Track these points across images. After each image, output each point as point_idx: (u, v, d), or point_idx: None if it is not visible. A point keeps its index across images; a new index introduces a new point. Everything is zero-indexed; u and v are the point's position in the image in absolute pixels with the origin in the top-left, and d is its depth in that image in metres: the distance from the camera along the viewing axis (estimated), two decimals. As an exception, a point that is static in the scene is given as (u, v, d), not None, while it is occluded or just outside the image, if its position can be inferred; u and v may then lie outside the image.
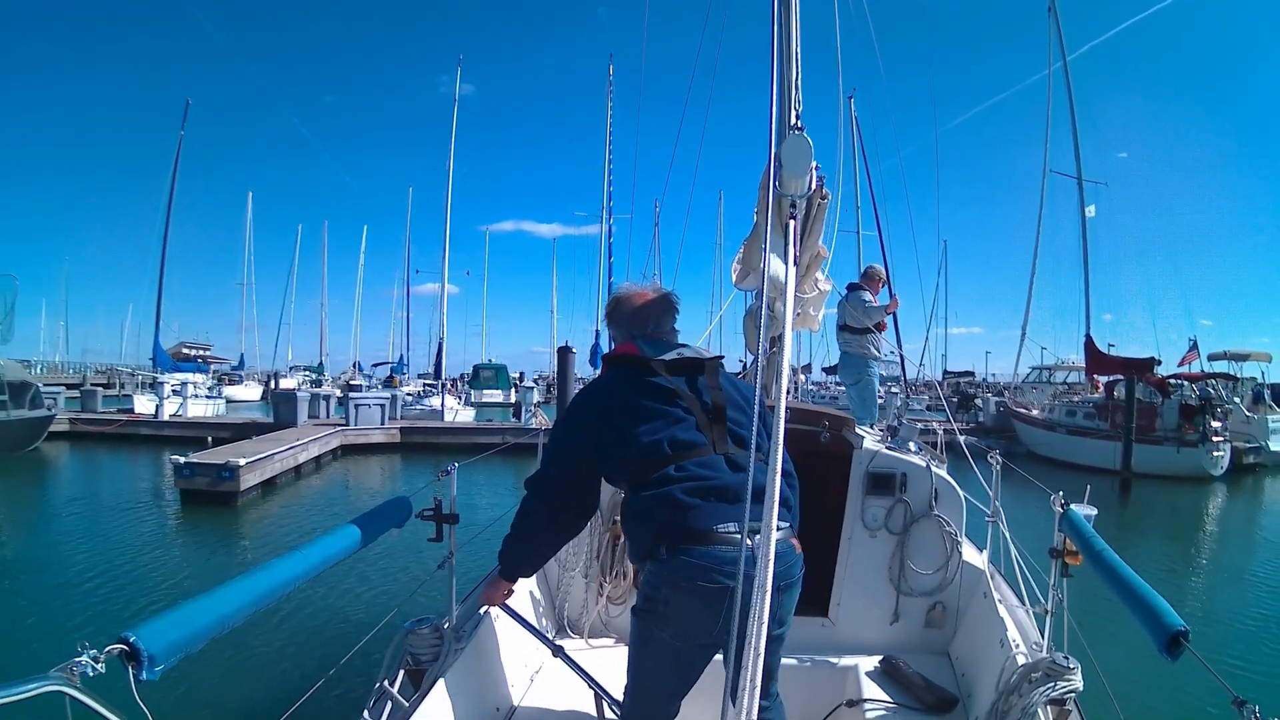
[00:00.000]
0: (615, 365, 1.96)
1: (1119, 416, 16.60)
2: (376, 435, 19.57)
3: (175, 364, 29.13)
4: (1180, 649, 1.53)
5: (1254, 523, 13.63)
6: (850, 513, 3.27)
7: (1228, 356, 20.42)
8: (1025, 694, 1.98)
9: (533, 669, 2.77)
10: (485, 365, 35.86)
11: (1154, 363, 18.54)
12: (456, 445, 20.00)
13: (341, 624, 5.82)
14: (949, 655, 3.04)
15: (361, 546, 1.99)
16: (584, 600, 3.23)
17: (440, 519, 2.37)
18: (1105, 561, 1.97)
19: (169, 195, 28.66)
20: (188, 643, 1.26)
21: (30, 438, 18.03)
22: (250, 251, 44.29)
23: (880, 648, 2.93)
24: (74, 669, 1.03)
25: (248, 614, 1.46)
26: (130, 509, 12.00)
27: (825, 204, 3.16)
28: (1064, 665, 1.99)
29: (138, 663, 1.13)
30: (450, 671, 2.17)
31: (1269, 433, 17.75)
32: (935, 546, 3.17)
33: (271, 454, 13.76)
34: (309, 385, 32.85)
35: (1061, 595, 2.32)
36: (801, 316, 3.80)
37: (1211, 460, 15.93)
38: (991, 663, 2.48)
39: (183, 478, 12.05)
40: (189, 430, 21.69)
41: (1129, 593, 1.77)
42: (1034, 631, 2.60)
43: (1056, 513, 2.33)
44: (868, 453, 3.29)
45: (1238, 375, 19.92)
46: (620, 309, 2.07)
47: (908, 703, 2.58)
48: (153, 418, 22.80)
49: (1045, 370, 26.64)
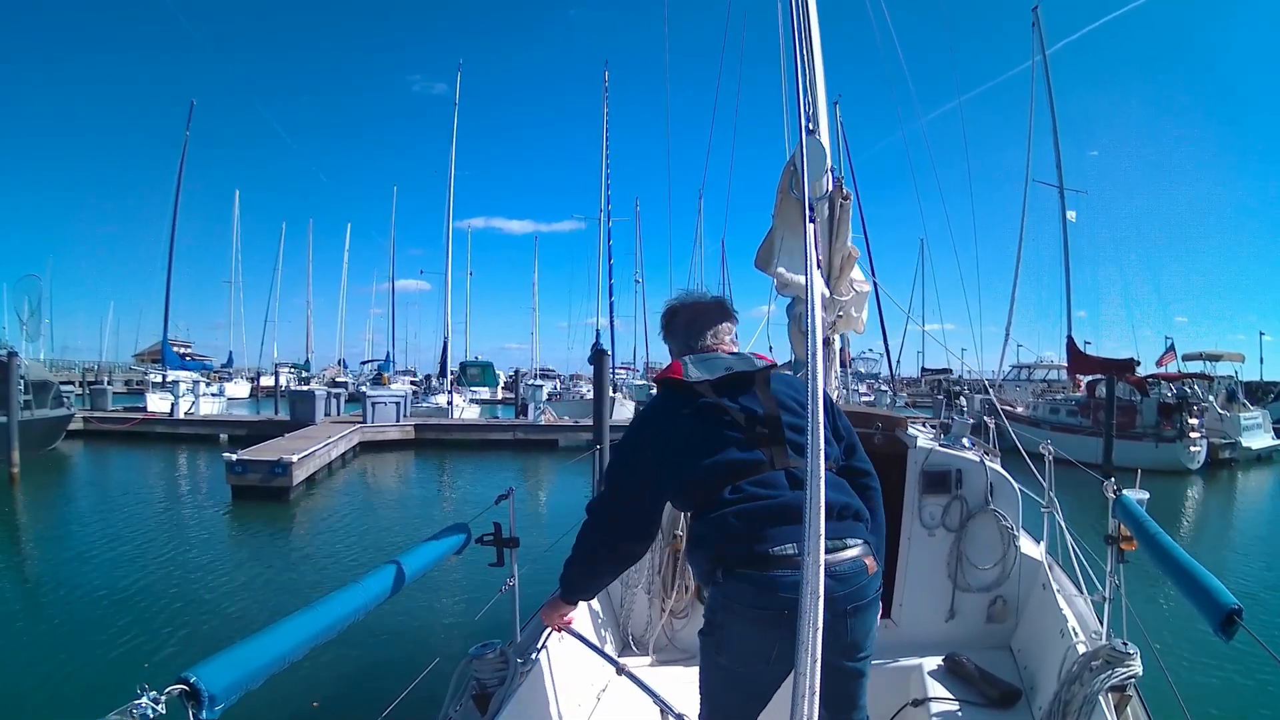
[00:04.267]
0: (664, 387, 1.87)
1: (1101, 414, 17.50)
2: (392, 432, 20.05)
3: (183, 362, 29.33)
4: (1234, 628, 1.51)
5: (1230, 512, 14.35)
6: (908, 512, 3.28)
7: (1203, 357, 21.39)
8: (1087, 682, 1.98)
9: (598, 689, 2.76)
10: (472, 362, 35.89)
11: (1134, 363, 19.36)
12: (468, 442, 20.56)
13: (403, 651, 5.77)
14: (1011, 649, 3.03)
15: (421, 574, 1.97)
16: (648, 617, 3.23)
17: (500, 543, 2.34)
18: (1159, 545, 1.96)
19: (175, 196, 28.77)
20: (248, 680, 1.24)
21: (51, 437, 18.26)
22: (237, 250, 44.31)
23: (943, 645, 2.92)
24: (134, 711, 1.02)
25: (308, 649, 1.44)
26: (184, 506, 12.48)
27: (848, 204, 3.34)
28: (1123, 652, 1.99)
29: (198, 703, 1.12)
30: (516, 695, 2.14)
31: (1242, 429, 18.60)
32: (993, 541, 3.18)
33: (312, 451, 14.30)
34: (296, 382, 33.16)
35: (1119, 582, 2.31)
36: (844, 318, 3.89)
37: (1189, 455, 16.63)
38: (1053, 653, 2.48)
39: (234, 474, 12.53)
40: (203, 428, 22.01)
41: (1183, 574, 1.76)
42: (1093, 620, 2.59)
43: (1109, 499, 2.33)
44: (922, 451, 3.31)
45: (1213, 375, 20.85)
46: (676, 320, 2.00)
47: (971, 699, 2.57)
48: (168, 416, 22.97)
49: (1025, 369, 27.33)
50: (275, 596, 7.45)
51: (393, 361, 40.59)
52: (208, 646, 1.30)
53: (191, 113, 30.13)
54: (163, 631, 6.33)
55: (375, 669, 5.41)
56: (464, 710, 2.11)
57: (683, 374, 1.80)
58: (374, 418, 19.91)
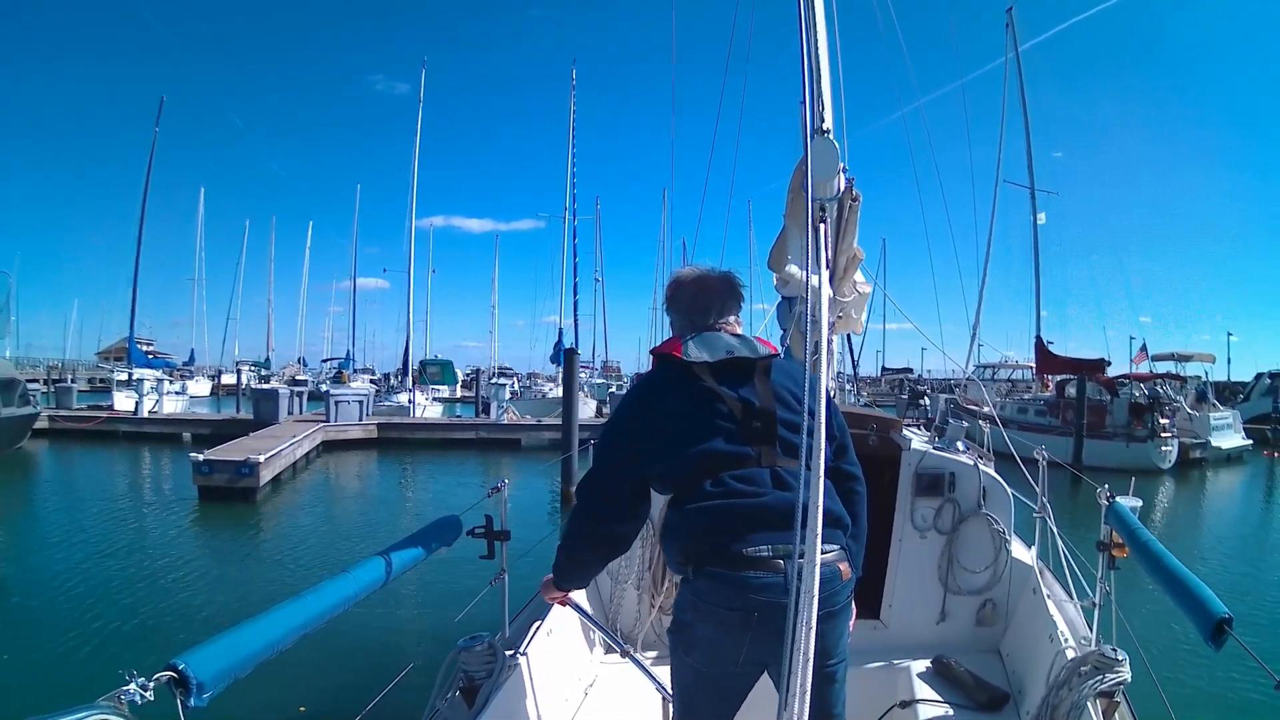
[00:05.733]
0: (661, 363, 1.79)
1: (1070, 414, 17.45)
2: (355, 431, 19.77)
3: (148, 360, 28.80)
4: (1224, 636, 1.51)
5: (1201, 513, 14.30)
6: (900, 514, 3.27)
7: (1174, 357, 21.49)
8: (1075, 687, 1.98)
9: (586, 683, 2.77)
10: (431, 361, 34.79)
11: (1104, 363, 19.40)
12: (431, 441, 20.26)
13: (391, 642, 5.71)
14: (999, 652, 3.03)
15: (412, 566, 1.96)
16: (637, 612, 3.22)
17: (492, 536, 2.33)
18: (1151, 552, 1.95)
19: (143, 191, 27.98)
20: (237, 668, 1.24)
21: (18, 436, 17.83)
22: (201, 247, 43.81)
23: (931, 648, 2.92)
24: (122, 697, 1.01)
25: (297, 637, 1.43)
26: (152, 508, 12.00)
27: (857, 205, 3.28)
28: (1112, 658, 1.99)
29: (187, 690, 1.11)
30: (504, 688, 2.15)
31: (1211, 429, 18.67)
32: (984, 545, 3.17)
33: (279, 450, 13.94)
34: (257, 381, 32.87)
35: (1109, 588, 2.32)
36: (844, 319, 3.86)
37: (1160, 455, 16.66)
38: (1041, 658, 2.49)
39: (201, 474, 12.07)
40: (168, 427, 21.65)
41: (1174, 582, 1.76)
42: (1083, 625, 2.60)
43: (1102, 506, 2.32)
44: (916, 453, 3.30)
45: (1184, 376, 20.90)
46: (681, 293, 1.88)
47: (959, 701, 2.57)
48: (133, 415, 22.57)
49: (989, 368, 27.05)
50: (252, 604, 7.15)
51: (353, 360, 40.31)
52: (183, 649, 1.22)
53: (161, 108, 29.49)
54: (136, 636, 6.16)
55: (363, 660, 5.39)
56: (451, 702, 2.10)
57: (682, 353, 1.72)
58: (337, 417, 19.56)
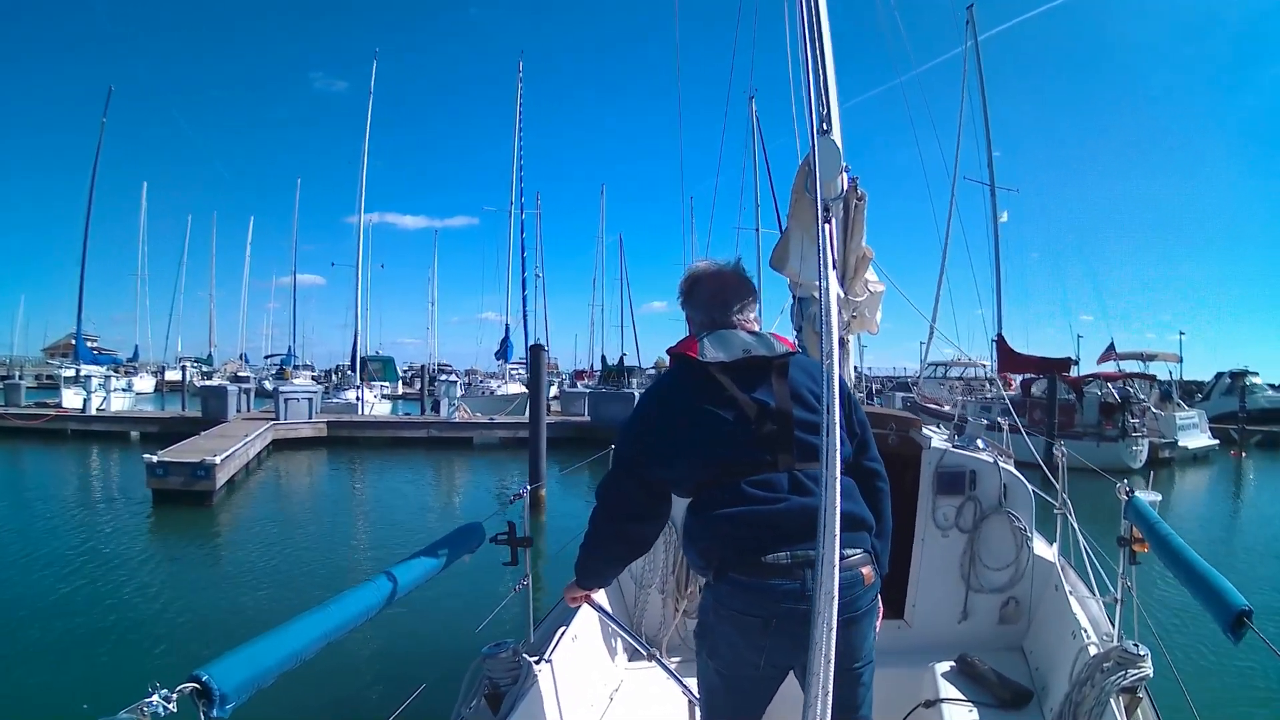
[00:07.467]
0: (678, 363, 1.75)
1: (1037, 413, 17.22)
2: (305, 430, 19.20)
3: (95, 356, 27.92)
4: (1244, 629, 1.51)
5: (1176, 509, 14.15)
6: (922, 513, 3.25)
7: (1141, 357, 21.44)
8: (1097, 684, 1.98)
9: (611, 688, 2.77)
10: (373, 357, 33.95)
11: (1070, 362, 19.27)
12: (382, 439, 19.81)
13: (414, 650, 5.65)
14: (1023, 650, 3.03)
15: (434, 574, 1.96)
16: (661, 616, 3.21)
17: (515, 543, 2.33)
18: (1171, 546, 1.95)
19: (90, 184, 27.70)
20: (260, 679, 1.23)
21: None
22: (144, 242, 42.97)
23: (955, 646, 2.89)
24: (145, 709, 1.00)
25: (320, 647, 1.42)
26: (104, 514, 11.26)
27: (863, 204, 3.31)
28: (1134, 653, 1.99)
29: (209, 701, 1.11)
30: (529, 694, 2.13)
31: (1177, 429, 18.70)
32: (1006, 542, 3.16)
33: (233, 451, 13.22)
34: (199, 377, 32.36)
35: (1130, 583, 2.31)
36: (858, 319, 3.85)
37: (1131, 454, 16.65)
38: (1064, 655, 2.48)
39: (155, 477, 11.37)
40: (116, 425, 21.09)
41: (1193, 575, 1.76)
42: (1105, 621, 2.60)
43: (1121, 500, 2.32)
44: (936, 452, 3.28)
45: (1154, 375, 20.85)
46: (699, 290, 1.84)
47: (983, 700, 2.57)
48: (81, 412, 21.96)
49: (942, 366, 26.54)
50: (225, 619, 6.60)
51: (294, 356, 39.92)
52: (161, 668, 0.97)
53: (109, 99, 28.74)
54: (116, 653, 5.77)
55: (386, 668, 5.36)
56: (476, 710, 2.10)
57: (699, 353, 1.68)
58: (287, 415, 18.92)
